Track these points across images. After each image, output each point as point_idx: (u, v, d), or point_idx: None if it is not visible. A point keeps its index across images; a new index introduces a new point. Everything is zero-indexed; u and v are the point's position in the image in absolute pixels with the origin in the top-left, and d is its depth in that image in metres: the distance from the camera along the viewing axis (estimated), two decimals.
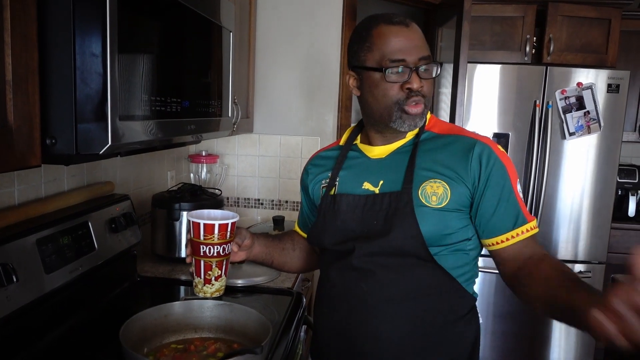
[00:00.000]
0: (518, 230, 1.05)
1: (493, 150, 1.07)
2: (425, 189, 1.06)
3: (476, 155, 1.06)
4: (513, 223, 1.05)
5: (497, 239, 1.07)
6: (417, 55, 1.05)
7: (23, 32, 0.77)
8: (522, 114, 2.80)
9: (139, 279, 1.64)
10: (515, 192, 1.06)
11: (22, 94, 0.77)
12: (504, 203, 1.05)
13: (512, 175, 1.07)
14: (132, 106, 0.94)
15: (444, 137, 1.12)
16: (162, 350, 1.15)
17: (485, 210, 1.06)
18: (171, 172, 2.21)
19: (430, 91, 1.10)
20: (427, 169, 1.07)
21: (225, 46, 1.48)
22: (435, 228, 1.04)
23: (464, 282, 1.09)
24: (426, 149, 1.11)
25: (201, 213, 1.07)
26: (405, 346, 1.06)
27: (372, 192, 1.10)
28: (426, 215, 1.04)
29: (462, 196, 1.05)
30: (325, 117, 2.39)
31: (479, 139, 1.08)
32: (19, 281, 1.05)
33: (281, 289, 1.61)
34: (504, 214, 1.05)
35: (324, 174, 1.21)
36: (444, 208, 1.04)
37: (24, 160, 0.79)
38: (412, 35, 1.06)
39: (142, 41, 1.01)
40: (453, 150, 1.08)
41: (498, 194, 1.05)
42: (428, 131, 1.14)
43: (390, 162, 1.12)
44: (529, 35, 2.88)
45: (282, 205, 2.46)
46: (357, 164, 1.17)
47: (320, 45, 2.34)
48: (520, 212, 1.06)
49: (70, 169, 1.46)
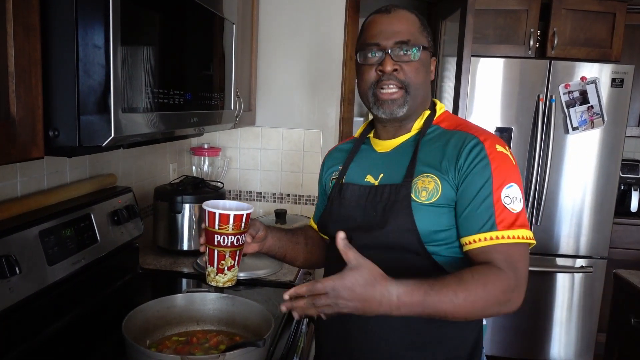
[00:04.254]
0: (481, 235, 0.99)
1: (484, 147, 1.03)
2: (416, 185, 1.05)
3: (466, 150, 1.03)
4: (480, 226, 0.99)
5: (465, 239, 1.02)
6: (393, 39, 1.06)
7: (25, 23, 0.76)
8: (525, 108, 2.79)
9: (141, 271, 1.64)
10: (494, 196, 1.00)
11: (25, 85, 0.77)
12: (476, 204, 1.00)
13: (497, 177, 1.01)
14: (134, 98, 0.94)
15: (449, 133, 1.10)
16: (165, 342, 1.15)
17: (459, 207, 1.03)
18: (173, 164, 2.21)
19: (412, 77, 1.08)
20: (424, 164, 1.06)
21: (227, 38, 1.48)
22: (424, 224, 1.02)
23: None
24: (429, 143, 1.10)
25: (216, 203, 1.07)
26: (401, 343, 1.05)
27: (372, 184, 1.11)
28: (416, 210, 1.02)
29: (450, 191, 1.03)
30: (328, 110, 2.39)
31: (478, 135, 1.05)
32: (21, 273, 1.05)
33: (283, 282, 1.61)
34: (474, 215, 1.00)
35: (336, 167, 1.23)
36: (433, 204, 1.03)
37: (26, 152, 0.78)
38: (391, 20, 1.08)
39: (145, 33, 1.00)
40: (451, 145, 1.06)
41: (473, 193, 1.01)
42: (435, 125, 1.13)
43: (393, 156, 1.12)
44: (533, 28, 2.86)
45: (284, 199, 2.46)
46: (364, 157, 1.18)
47: (323, 38, 2.33)
48: (492, 217, 0.99)
49: (73, 161, 1.46)
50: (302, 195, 2.45)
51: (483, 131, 1.09)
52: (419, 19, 1.11)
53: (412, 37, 1.07)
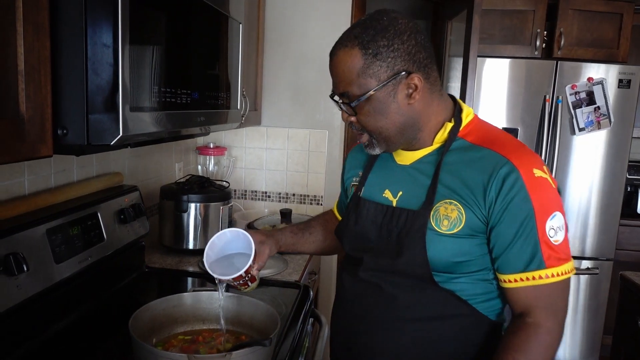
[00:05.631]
0: (529, 274, 0.93)
1: (521, 175, 0.91)
2: (438, 211, 0.97)
3: (499, 178, 0.92)
4: (525, 265, 0.93)
5: (505, 276, 0.96)
6: (336, 90, 1.01)
7: (35, 22, 0.76)
8: (531, 108, 2.78)
9: (147, 270, 1.64)
10: (539, 231, 0.91)
11: (34, 84, 0.77)
12: (519, 241, 0.92)
13: (540, 209, 0.92)
14: (142, 97, 0.94)
15: (475, 150, 0.98)
16: (171, 340, 1.15)
17: (497, 244, 0.95)
18: (179, 163, 2.21)
19: (367, 124, 0.99)
20: (447, 187, 0.97)
21: (234, 38, 1.48)
22: (443, 255, 0.96)
23: (485, 309, 1.01)
24: (452, 161, 0.99)
25: (219, 252, 1.13)
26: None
27: (390, 202, 1.05)
28: (434, 241, 0.96)
29: (477, 221, 0.95)
30: (334, 110, 2.38)
31: (511, 158, 0.93)
32: (29, 270, 1.05)
33: (288, 282, 1.61)
34: (517, 253, 0.93)
35: (357, 170, 1.18)
36: (456, 234, 0.95)
37: (35, 150, 0.79)
38: (331, 68, 1.00)
39: (153, 32, 1.01)
40: (477, 168, 0.95)
41: (513, 230, 0.92)
42: (461, 139, 1.01)
43: (413, 172, 1.04)
44: (540, 29, 2.86)
45: (289, 198, 2.46)
46: (384, 167, 1.10)
47: (329, 38, 2.31)
48: (537, 255, 0.92)
49: (80, 159, 1.47)
50: (307, 195, 2.45)
51: (515, 149, 0.96)
52: (361, 55, 0.93)
53: (351, 86, 0.95)
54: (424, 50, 0.96)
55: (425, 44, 0.96)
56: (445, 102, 1.04)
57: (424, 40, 0.97)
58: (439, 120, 1.02)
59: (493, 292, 1.01)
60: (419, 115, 0.99)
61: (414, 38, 0.94)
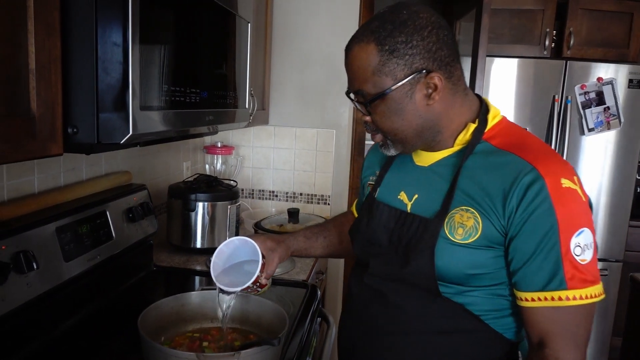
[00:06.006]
0: (548, 294, 0.84)
1: (546, 184, 0.84)
2: (453, 218, 0.90)
3: (521, 186, 0.85)
4: (544, 283, 0.84)
5: (522, 294, 0.88)
6: (351, 88, 0.95)
7: (46, 21, 0.77)
8: (540, 108, 2.77)
9: (155, 269, 1.65)
10: (562, 247, 0.83)
11: (45, 82, 0.78)
12: (540, 257, 0.84)
13: (565, 223, 0.83)
14: (152, 96, 0.94)
15: (499, 155, 0.91)
16: (179, 339, 1.15)
17: (515, 258, 0.87)
18: (187, 162, 2.22)
19: (381, 124, 0.94)
20: (464, 193, 0.91)
21: (243, 37, 1.48)
22: (455, 266, 0.90)
23: (499, 326, 0.94)
24: (473, 166, 0.92)
25: (227, 259, 1.13)
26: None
27: (405, 205, 1.00)
28: (447, 250, 0.90)
29: (494, 232, 0.88)
30: (341, 109, 2.38)
31: (537, 164, 0.86)
32: (39, 268, 1.06)
33: (296, 281, 1.61)
34: (536, 269, 0.85)
35: (374, 169, 1.14)
36: (470, 244, 0.89)
37: (46, 148, 0.79)
38: (346, 64, 0.94)
39: (162, 31, 1.01)
40: (499, 174, 0.88)
41: (534, 244, 0.85)
42: (485, 142, 0.94)
43: (431, 174, 0.98)
44: (549, 28, 2.84)
45: (297, 198, 2.46)
46: (401, 167, 1.06)
47: (337, 38, 2.33)
48: (559, 274, 0.83)
49: (89, 158, 1.47)
50: (314, 195, 2.44)
51: (544, 156, 0.88)
52: (377, 51, 0.88)
53: (365, 84, 0.91)
54: (447, 47, 0.89)
55: (448, 40, 0.90)
56: (470, 102, 0.97)
57: (447, 36, 0.90)
58: (462, 121, 0.96)
59: (507, 309, 0.94)
60: (439, 117, 0.93)
61: (435, 34, 0.88)
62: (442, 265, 0.90)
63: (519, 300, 0.89)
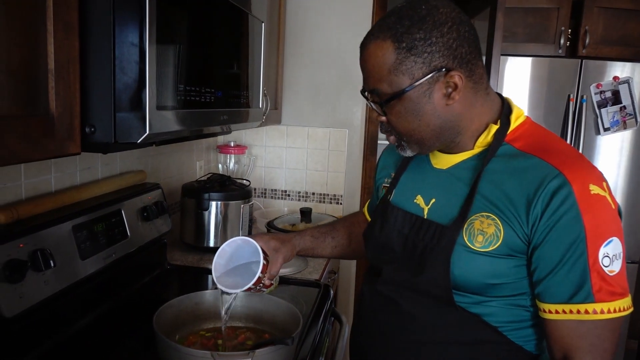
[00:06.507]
0: (573, 307, 0.80)
1: (573, 191, 0.79)
2: (472, 225, 0.86)
3: (547, 192, 0.80)
4: (569, 295, 0.80)
5: (545, 305, 0.83)
6: (365, 86, 0.92)
7: (65, 21, 0.77)
8: (555, 108, 2.74)
9: (169, 267, 1.66)
10: (590, 258, 0.79)
11: (64, 82, 0.78)
12: (566, 266, 0.80)
13: (593, 232, 0.79)
14: (168, 96, 0.95)
15: (522, 158, 0.87)
16: (193, 337, 1.16)
17: (539, 268, 0.83)
18: (200, 162, 2.23)
19: (396, 125, 0.90)
20: (485, 198, 0.87)
21: (256, 36, 1.48)
22: (474, 275, 0.86)
23: (518, 338, 0.90)
24: (495, 170, 0.88)
25: (230, 258, 1.11)
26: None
27: (421, 209, 0.96)
28: (465, 258, 0.86)
29: (517, 240, 0.84)
30: (354, 109, 2.38)
31: (565, 171, 0.81)
32: (56, 266, 1.07)
33: (309, 281, 1.61)
34: (561, 280, 0.81)
35: (389, 171, 1.11)
36: (491, 253, 0.84)
37: (64, 148, 0.80)
38: (361, 61, 0.90)
39: (178, 31, 1.01)
40: (523, 179, 0.84)
41: (560, 252, 0.80)
42: (507, 144, 0.90)
43: (449, 178, 0.94)
44: (564, 27, 2.80)
45: (309, 197, 2.46)
46: (418, 169, 1.02)
47: (350, 36, 2.32)
48: (586, 285, 0.79)
49: (104, 157, 1.49)
50: (327, 194, 2.44)
51: (571, 161, 0.84)
52: (394, 49, 0.84)
53: (380, 83, 0.87)
54: (468, 43, 0.85)
55: (469, 36, 0.86)
56: (492, 101, 0.93)
57: (468, 32, 0.86)
58: (483, 122, 0.91)
59: (528, 321, 0.90)
60: (459, 117, 0.89)
61: (455, 30, 0.84)
62: (459, 274, 0.86)
63: (541, 312, 0.85)
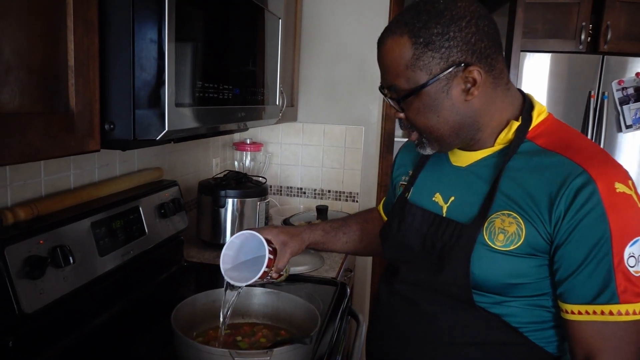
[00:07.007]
0: (597, 307, 0.78)
1: (598, 189, 0.77)
2: (493, 223, 0.85)
3: (570, 190, 0.78)
4: (593, 295, 0.78)
5: (568, 306, 0.81)
6: (383, 83, 0.91)
7: (84, 17, 0.77)
8: (575, 105, 2.69)
9: (186, 264, 1.66)
10: (615, 258, 0.77)
11: (84, 79, 0.78)
12: (590, 266, 0.78)
13: (618, 232, 0.77)
14: (187, 93, 0.95)
15: (544, 155, 0.85)
16: (214, 332, 1.16)
17: (562, 267, 0.81)
18: (216, 159, 2.23)
19: (415, 121, 0.89)
20: (506, 196, 0.85)
21: (274, 33, 1.47)
22: (494, 274, 0.84)
23: (540, 340, 0.88)
24: (516, 167, 0.86)
25: (239, 251, 1.08)
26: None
27: (440, 208, 0.95)
28: (485, 257, 0.84)
29: (539, 239, 0.82)
30: (370, 106, 2.36)
31: (589, 168, 0.79)
32: (75, 263, 1.07)
33: (325, 279, 1.60)
34: (585, 280, 0.79)
35: (406, 169, 1.10)
36: (512, 252, 0.83)
37: (84, 144, 0.80)
38: (379, 58, 0.89)
39: (197, 28, 1.01)
40: (546, 177, 0.82)
41: (584, 251, 0.78)
42: (529, 141, 0.88)
43: (469, 175, 0.93)
44: (585, 22, 2.75)
45: (325, 195, 2.45)
46: (437, 167, 1.01)
47: (366, 32, 2.30)
48: (611, 286, 0.77)
49: (122, 154, 1.49)
50: (342, 192, 2.43)
51: (595, 158, 0.82)
52: (411, 44, 0.83)
53: (398, 79, 0.86)
54: (487, 38, 0.84)
55: (489, 30, 0.84)
56: (513, 97, 0.91)
57: (488, 26, 0.84)
58: (504, 118, 0.90)
59: (549, 322, 0.88)
60: (479, 113, 0.87)
61: (474, 24, 0.82)
62: (479, 273, 0.85)
63: (563, 313, 0.83)
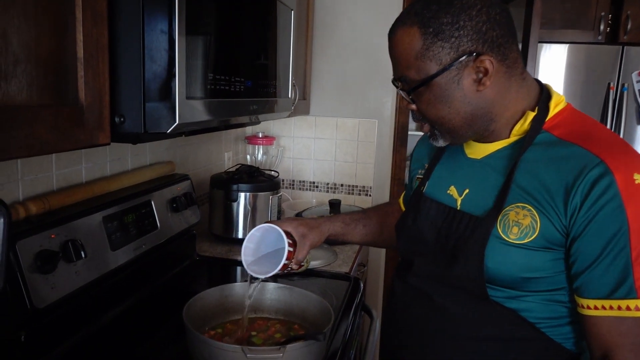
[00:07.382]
0: (614, 302, 0.76)
1: (616, 180, 0.75)
2: (507, 216, 0.83)
3: (587, 181, 0.76)
4: (610, 290, 0.76)
5: (584, 301, 0.80)
6: (394, 74, 0.90)
7: (93, 8, 0.76)
8: (593, 96, 2.64)
9: (198, 258, 1.66)
10: (633, 252, 0.75)
11: (93, 71, 0.77)
12: (607, 259, 0.76)
13: (635, 224, 0.74)
14: (198, 85, 0.93)
15: (561, 146, 0.83)
16: (231, 325, 1.15)
17: (578, 261, 0.79)
18: (228, 153, 2.22)
19: (426, 112, 0.88)
20: (521, 188, 0.84)
21: (286, 25, 1.45)
22: (508, 268, 0.83)
23: (556, 335, 0.87)
24: (532, 159, 0.84)
25: (260, 243, 1.10)
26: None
27: (454, 201, 0.94)
28: (500, 250, 0.83)
29: (554, 231, 0.80)
30: (384, 99, 2.33)
31: (607, 159, 0.77)
32: (87, 257, 1.07)
33: (338, 274, 1.58)
34: (601, 274, 0.77)
35: (422, 162, 1.09)
36: (526, 245, 0.81)
37: (94, 138, 0.79)
38: (390, 49, 0.89)
39: (208, 19, 0.99)
40: (561, 168, 0.80)
41: (601, 244, 0.76)
42: (545, 132, 0.86)
43: (484, 168, 0.92)
44: (604, 12, 2.69)
45: (338, 189, 2.43)
46: (452, 159, 1.00)
47: (379, 24, 2.27)
48: (628, 279, 0.75)
49: (134, 148, 1.48)
50: (355, 186, 2.41)
51: (613, 148, 0.80)
52: (420, 35, 0.82)
53: (408, 70, 0.85)
54: (499, 26, 0.82)
55: (501, 19, 0.83)
56: (529, 87, 0.90)
57: (500, 15, 0.83)
58: (519, 108, 0.88)
59: (566, 317, 0.86)
60: (492, 104, 0.86)
61: (485, 12, 0.81)
62: (493, 267, 0.83)
63: (580, 308, 0.81)
